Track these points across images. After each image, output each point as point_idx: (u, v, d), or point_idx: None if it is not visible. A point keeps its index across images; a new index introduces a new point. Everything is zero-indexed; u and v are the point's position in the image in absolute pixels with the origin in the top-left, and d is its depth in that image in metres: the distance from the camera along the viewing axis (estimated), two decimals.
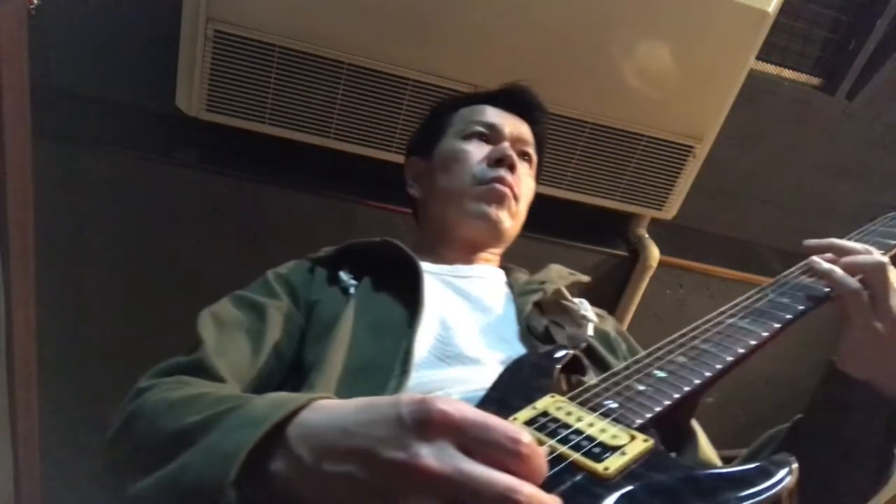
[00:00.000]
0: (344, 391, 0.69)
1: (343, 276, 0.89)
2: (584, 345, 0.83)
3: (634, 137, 1.47)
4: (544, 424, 0.51)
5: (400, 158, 1.43)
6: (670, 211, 1.61)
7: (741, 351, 0.61)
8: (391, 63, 1.32)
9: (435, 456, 0.38)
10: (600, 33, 1.32)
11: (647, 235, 1.71)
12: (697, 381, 0.58)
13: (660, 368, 0.60)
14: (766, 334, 0.64)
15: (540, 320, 0.87)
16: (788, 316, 0.67)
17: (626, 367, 0.62)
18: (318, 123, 1.37)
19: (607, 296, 1.76)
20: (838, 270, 0.71)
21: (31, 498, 1.60)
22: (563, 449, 0.47)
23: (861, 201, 1.91)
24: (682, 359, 0.61)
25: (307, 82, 1.32)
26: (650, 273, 1.69)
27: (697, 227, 1.86)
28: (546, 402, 0.55)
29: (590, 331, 0.89)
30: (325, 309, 0.83)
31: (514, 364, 0.68)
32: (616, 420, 0.52)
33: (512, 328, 0.86)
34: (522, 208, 1.02)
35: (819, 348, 2.03)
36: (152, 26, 1.34)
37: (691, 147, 1.50)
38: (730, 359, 0.60)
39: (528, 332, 0.84)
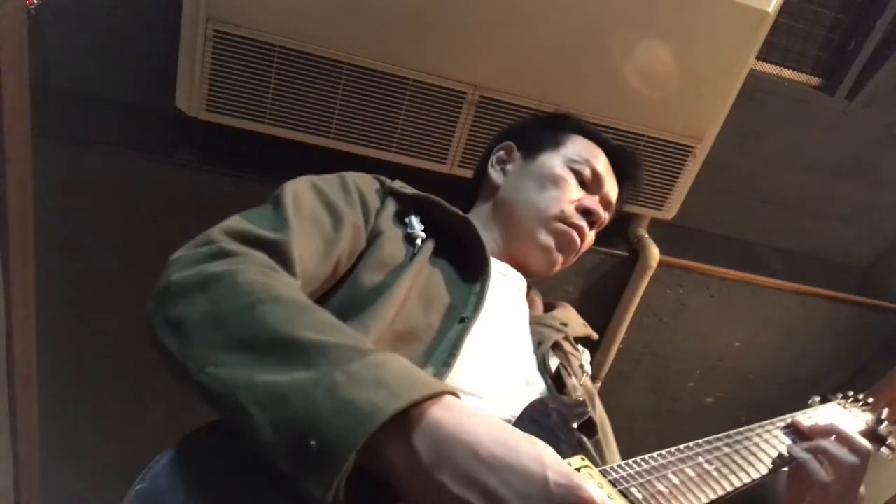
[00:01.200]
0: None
1: (415, 222, 0.87)
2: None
3: (634, 137, 1.47)
4: None
5: (400, 158, 1.43)
6: (670, 211, 1.61)
7: (737, 484, 0.71)
8: (391, 63, 1.32)
9: None
10: (600, 33, 1.32)
11: (647, 235, 1.71)
12: (706, 500, 0.66)
13: (674, 474, 0.67)
14: (747, 480, 0.73)
15: (553, 359, 0.87)
16: (763, 471, 0.75)
17: (648, 460, 0.66)
18: (318, 123, 1.37)
19: (607, 296, 1.76)
20: (821, 472, 0.76)
21: (31, 497, 1.61)
22: None
23: (861, 201, 1.91)
24: (691, 472, 0.68)
25: (307, 82, 1.32)
26: (650, 273, 1.69)
27: (697, 227, 1.86)
28: (578, 463, 0.57)
29: (582, 380, 0.91)
30: (386, 244, 0.81)
31: (539, 404, 0.70)
32: None
33: (530, 354, 0.86)
34: (574, 259, 1.03)
35: (817, 350, 2.04)
36: (152, 26, 1.34)
37: (691, 147, 1.50)
38: (728, 488, 0.70)
39: (542, 366, 0.84)
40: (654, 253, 1.67)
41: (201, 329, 0.54)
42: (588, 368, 0.96)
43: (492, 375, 0.75)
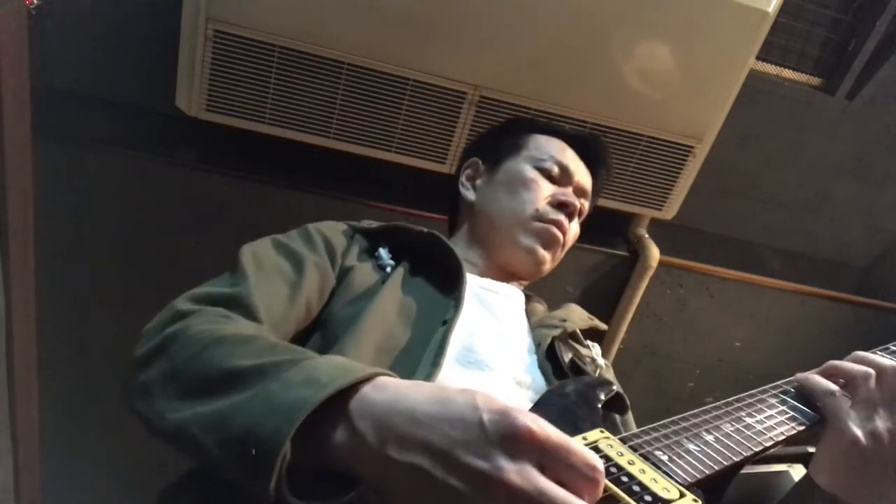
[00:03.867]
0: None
1: (383, 253, 0.90)
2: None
3: (634, 137, 1.47)
4: None
5: (400, 158, 1.43)
6: (670, 211, 1.61)
7: (781, 436, 0.66)
8: (391, 63, 1.32)
9: (518, 473, 0.40)
10: (600, 33, 1.32)
11: (647, 235, 1.71)
12: (744, 455, 0.61)
13: (707, 432, 0.63)
14: (801, 428, 0.69)
15: (565, 353, 0.87)
16: (812, 420, 0.71)
17: (674, 423, 0.64)
18: (318, 123, 1.37)
19: (607, 296, 1.76)
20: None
21: (31, 497, 1.60)
22: (616, 490, 0.48)
23: (861, 201, 1.91)
24: (728, 427, 0.65)
25: (307, 82, 1.32)
26: (650, 273, 1.69)
27: (697, 227, 1.86)
28: (596, 436, 0.55)
29: (597, 373, 0.91)
30: (357, 278, 0.83)
31: (558, 387, 0.69)
32: (666, 473, 0.53)
33: (530, 354, 0.86)
34: (562, 254, 1.04)
35: (817, 350, 2.03)
36: (152, 26, 1.34)
37: (691, 147, 1.50)
38: (768, 444, 0.65)
39: (545, 362, 0.84)
40: (654, 253, 1.67)
41: (162, 386, 0.59)
42: (601, 361, 0.96)
43: (480, 372, 0.76)
